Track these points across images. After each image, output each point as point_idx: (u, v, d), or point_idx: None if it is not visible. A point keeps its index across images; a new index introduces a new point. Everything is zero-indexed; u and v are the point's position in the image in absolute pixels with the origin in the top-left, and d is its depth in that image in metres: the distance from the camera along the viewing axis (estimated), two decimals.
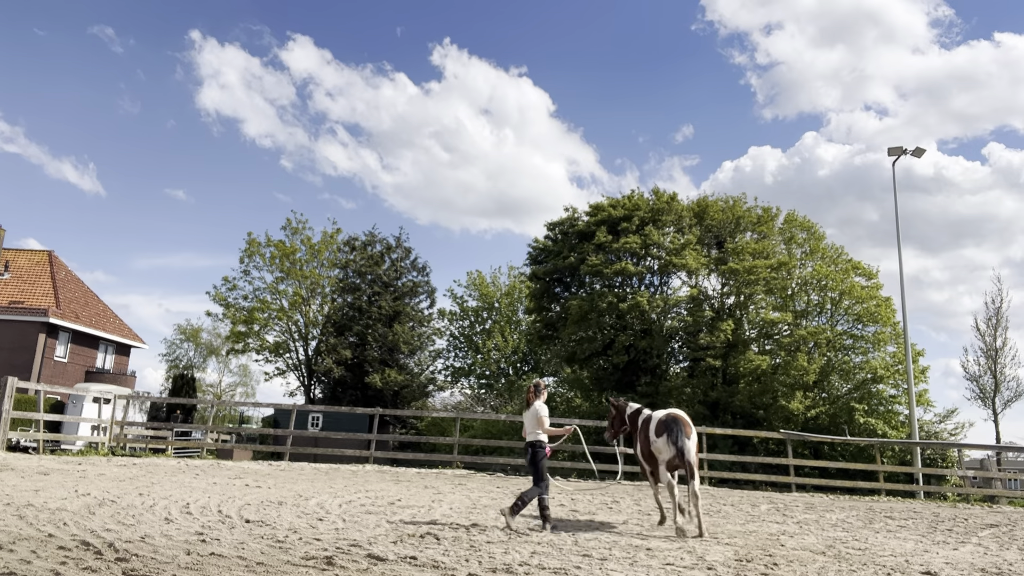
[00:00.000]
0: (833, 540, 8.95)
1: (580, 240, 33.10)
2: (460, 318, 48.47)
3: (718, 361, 29.38)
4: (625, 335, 30.36)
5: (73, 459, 16.16)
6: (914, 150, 27.03)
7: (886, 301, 31.21)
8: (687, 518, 9.25)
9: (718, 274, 31.93)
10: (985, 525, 11.86)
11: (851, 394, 29.98)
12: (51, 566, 5.25)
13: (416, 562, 6.19)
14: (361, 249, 45.88)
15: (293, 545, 6.69)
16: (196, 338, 62.22)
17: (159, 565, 5.49)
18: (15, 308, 35.47)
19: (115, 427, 19.90)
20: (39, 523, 7.05)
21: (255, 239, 44.81)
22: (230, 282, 44.72)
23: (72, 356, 37.80)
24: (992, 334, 34.30)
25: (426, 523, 8.60)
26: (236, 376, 65.09)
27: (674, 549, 7.57)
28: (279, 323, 44.71)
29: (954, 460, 25.79)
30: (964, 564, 7.61)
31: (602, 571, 6.22)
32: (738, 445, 27.00)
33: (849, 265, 32.25)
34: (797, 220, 33.52)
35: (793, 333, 30.26)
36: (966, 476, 22.55)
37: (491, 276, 49.04)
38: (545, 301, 34.66)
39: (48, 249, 41.04)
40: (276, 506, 9.42)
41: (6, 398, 16.09)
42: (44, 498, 8.84)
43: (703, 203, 33.36)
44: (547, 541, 7.75)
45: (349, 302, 44.37)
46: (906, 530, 10.59)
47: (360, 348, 43.27)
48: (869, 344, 31.09)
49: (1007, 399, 33.53)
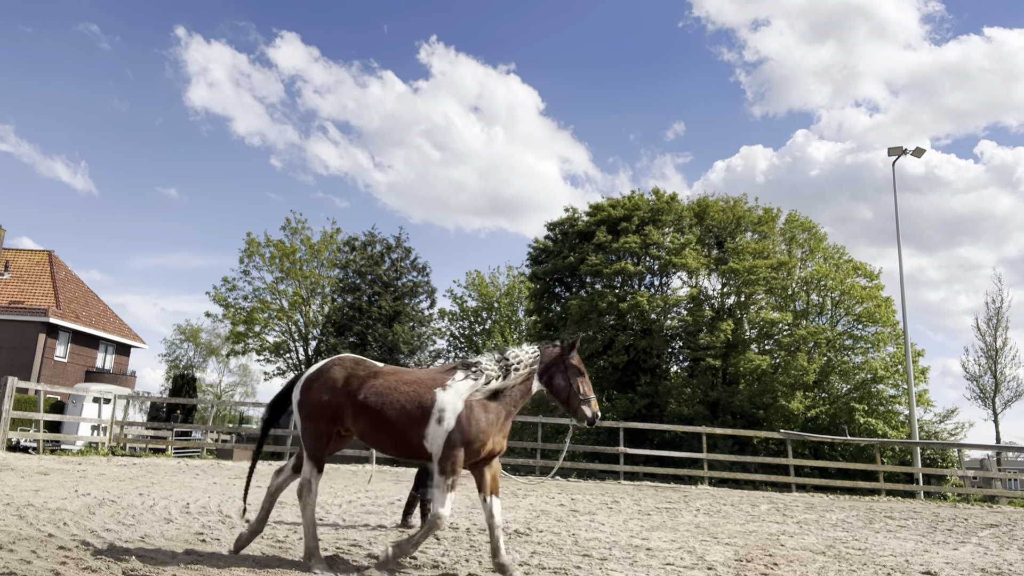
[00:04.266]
0: (833, 540, 8.94)
1: (580, 240, 33.12)
2: (460, 318, 48.50)
3: (718, 361, 29.38)
4: (625, 335, 30.36)
5: (73, 459, 16.16)
6: (914, 150, 27.03)
7: (886, 301, 31.22)
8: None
9: (718, 274, 31.94)
10: (985, 525, 11.85)
11: (851, 394, 29.97)
12: (51, 566, 5.25)
13: (416, 562, 6.19)
14: (361, 249, 45.89)
15: (293, 545, 6.69)
16: (196, 338, 62.24)
17: (159, 565, 5.49)
18: (15, 308, 35.47)
19: (115, 427, 19.90)
20: (39, 523, 7.05)
21: (255, 239, 44.82)
22: (230, 282, 44.74)
23: (72, 356, 37.80)
24: (992, 334, 34.32)
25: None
26: (236, 376, 65.13)
27: (674, 549, 7.57)
28: (279, 323, 44.71)
29: (954, 460, 25.80)
30: (964, 564, 7.60)
31: (602, 571, 6.22)
32: (738, 445, 27.00)
33: (850, 266, 32.26)
34: (798, 220, 33.53)
35: (793, 333, 30.26)
36: (966, 476, 22.54)
37: (490, 276, 49.11)
38: (545, 301, 34.68)
39: (46, 249, 41.08)
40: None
41: (6, 398, 16.09)
42: (44, 498, 8.84)
43: (703, 203, 33.37)
44: (547, 541, 7.75)
45: (349, 302, 44.36)
46: (906, 530, 10.59)
47: (360, 348, 43.24)
48: (869, 344, 31.09)
49: (1007, 399, 33.55)
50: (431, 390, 5.77)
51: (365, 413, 5.76)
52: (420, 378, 5.92)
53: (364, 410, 5.76)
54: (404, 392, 5.77)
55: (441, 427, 5.61)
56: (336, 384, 5.85)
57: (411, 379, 5.90)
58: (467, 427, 5.62)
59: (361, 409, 5.77)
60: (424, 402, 5.71)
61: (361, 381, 5.84)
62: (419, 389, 5.79)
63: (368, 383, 5.83)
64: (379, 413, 5.70)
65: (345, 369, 5.94)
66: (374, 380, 5.85)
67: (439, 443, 5.60)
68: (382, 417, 5.70)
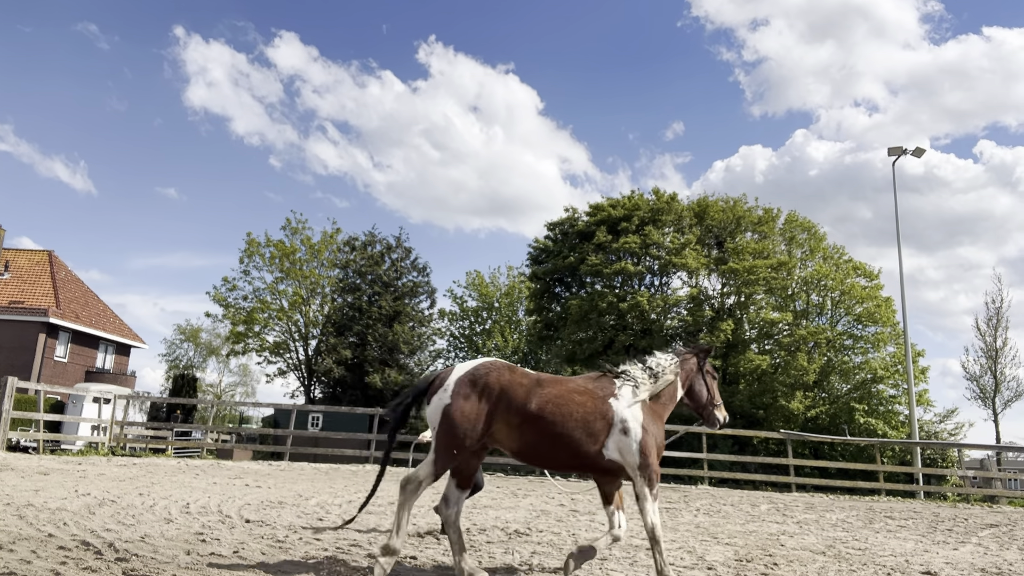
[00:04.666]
0: (833, 540, 8.94)
1: (580, 240, 33.13)
2: (460, 318, 48.52)
3: (718, 361, 29.38)
4: (625, 335, 30.36)
5: (73, 459, 16.16)
6: (914, 150, 27.03)
7: (886, 301, 31.23)
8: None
9: (718, 274, 31.95)
10: (985, 525, 11.86)
11: (851, 394, 29.98)
12: (51, 566, 5.25)
13: (416, 562, 6.20)
14: (361, 249, 45.89)
15: (293, 545, 6.69)
16: (196, 338, 62.22)
17: (159, 565, 5.49)
18: (15, 308, 35.47)
19: (115, 427, 19.91)
20: (39, 523, 7.05)
21: (255, 239, 44.83)
22: (230, 282, 44.75)
23: (72, 356, 37.81)
24: (992, 334, 34.29)
25: (426, 523, 8.59)
26: (236, 376, 65.12)
27: (674, 549, 7.57)
28: (279, 323, 44.72)
29: (954, 460, 25.80)
30: (964, 564, 7.60)
31: (602, 571, 6.22)
32: (738, 445, 27.00)
33: (850, 266, 32.28)
34: (798, 220, 33.55)
35: (793, 333, 30.27)
36: (966, 476, 22.54)
37: (490, 276, 49.13)
38: (545, 301, 34.68)
39: (46, 248, 41.08)
40: (276, 506, 9.42)
41: (6, 398, 16.09)
42: (44, 498, 8.84)
43: (703, 203, 33.39)
44: (547, 541, 7.75)
45: (349, 302, 44.36)
46: (906, 530, 10.59)
47: (360, 348, 43.26)
48: (869, 344, 31.11)
49: (1007, 399, 33.52)
50: (605, 400, 5.55)
51: (537, 424, 5.34)
52: (587, 387, 5.63)
53: (537, 421, 5.34)
54: (580, 402, 5.46)
55: (628, 438, 5.43)
56: (494, 391, 5.38)
57: (579, 388, 5.59)
58: (657, 434, 5.57)
59: (533, 420, 5.34)
60: (604, 412, 5.48)
61: (527, 390, 5.42)
62: (593, 399, 5.53)
63: (537, 392, 5.43)
64: (557, 424, 5.34)
65: (504, 375, 5.48)
66: (543, 389, 5.47)
67: (632, 454, 5.42)
68: (560, 428, 5.35)
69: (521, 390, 5.43)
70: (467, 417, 5.33)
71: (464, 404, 5.36)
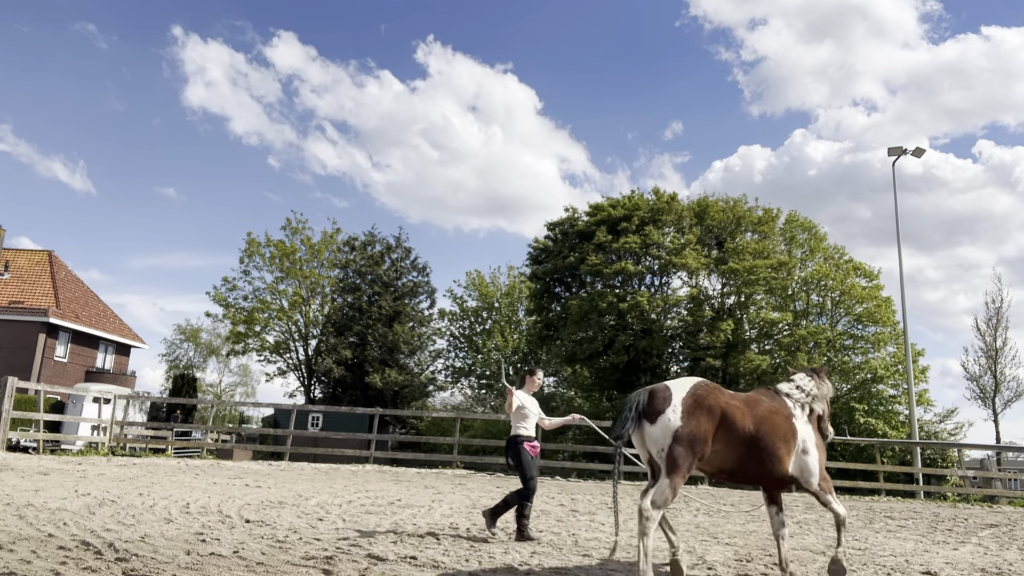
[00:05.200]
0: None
1: (580, 240, 33.13)
2: (460, 318, 48.51)
3: (718, 361, 29.39)
4: (625, 335, 30.37)
5: (73, 459, 16.16)
6: (914, 150, 27.03)
7: (886, 301, 31.23)
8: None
9: (718, 274, 31.97)
10: (985, 525, 11.85)
11: (851, 394, 29.99)
12: (51, 566, 5.25)
13: (416, 562, 6.19)
14: (361, 249, 45.90)
15: (293, 545, 6.69)
16: (196, 338, 62.24)
17: (159, 565, 5.49)
18: (15, 308, 35.48)
19: (115, 427, 19.90)
20: (39, 523, 7.05)
21: (255, 239, 44.85)
22: (230, 282, 44.78)
23: (72, 356, 37.81)
24: (992, 334, 34.30)
25: (426, 523, 8.60)
26: (236, 376, 65.14)
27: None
28: (279, 323, 44.73)
29: (954, 460, 25.79)
30: (964, 564, 7.60)
31: (602, 571, 6.22)
32: None
33: (850, 266, 32.28)
34: (798, 221, 33.56)
35: (793, 333, 30.28)
36: (966, 476, 22.54)
37: (490, 276, 49.15)
38: (545, 301, 34.69)
39: (46, 248, 41.09)
40: (276, 506, 9.42)
41: (6, 398, 16.09)
42: (44, 498, 8.84)
43: (703, 203, 33.40)
44: (547, 541, 7.75)
45: (349, 302, 44.38)
46: (906, 530, 10.59)
47: (360, 348, 43.28)
48: (869, 344, 31.12)
49: (1007, 399, 33.53)
50: (790, 419, 5.85)
51: (753, 444, 5.59)
52: (778, 408, 5.91)
53: (754, 441, 5.58)
54: (780, 424, 5.75)
55: (808, 457, 5.81)
56: (716, 412, 5.55)
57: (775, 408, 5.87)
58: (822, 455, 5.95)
59: (750, 440, 5.58)
60: (793, 431, 5.81)
61: (742, 411, 5.65)
62: (785, 419, 5.83)
63: (751, 413, 5.68)
64: (768, 443, 5.62)
65: (721, 396, 5.68)
66: (754, 409, 5.73)
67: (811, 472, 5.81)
68: (770, 447, 5.63)
69: (738, 412, 5.65)
70: (701, 438, 5.48)
71: (696, 425, 5.49)
